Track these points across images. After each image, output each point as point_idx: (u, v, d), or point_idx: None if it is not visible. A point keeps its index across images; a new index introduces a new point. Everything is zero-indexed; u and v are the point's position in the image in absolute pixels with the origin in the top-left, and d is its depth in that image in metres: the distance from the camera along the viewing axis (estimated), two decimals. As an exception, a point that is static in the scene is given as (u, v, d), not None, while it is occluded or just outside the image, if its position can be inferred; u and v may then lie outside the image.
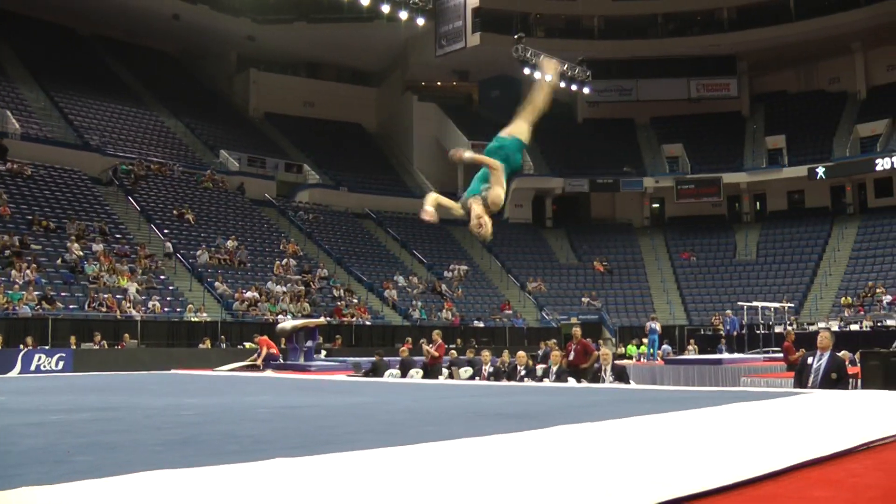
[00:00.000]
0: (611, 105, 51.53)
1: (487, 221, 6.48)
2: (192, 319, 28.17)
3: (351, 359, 23.72)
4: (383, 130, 53.33)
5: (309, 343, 22.13)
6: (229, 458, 3.26)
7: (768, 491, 3.54)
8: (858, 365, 10.54)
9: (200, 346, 26.54)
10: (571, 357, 15.86)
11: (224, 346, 27.19)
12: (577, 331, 16.75)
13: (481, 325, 36.69)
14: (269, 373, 19.10)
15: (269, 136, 47.81)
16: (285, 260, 35.24)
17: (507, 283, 43.27)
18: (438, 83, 53.33)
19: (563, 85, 45.54)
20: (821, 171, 44.72)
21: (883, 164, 42.76)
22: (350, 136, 50.92)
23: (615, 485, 3.17)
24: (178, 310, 28.56)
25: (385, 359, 20.00)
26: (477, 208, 6.48)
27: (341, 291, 34.90)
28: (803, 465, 4.00)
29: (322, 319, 26.94)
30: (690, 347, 33.16)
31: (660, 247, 47.53)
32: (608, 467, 3.42)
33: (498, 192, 6.47)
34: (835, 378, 9.17)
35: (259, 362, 21.25)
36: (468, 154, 7.12)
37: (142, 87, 45.76)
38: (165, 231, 33.67)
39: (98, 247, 29.71)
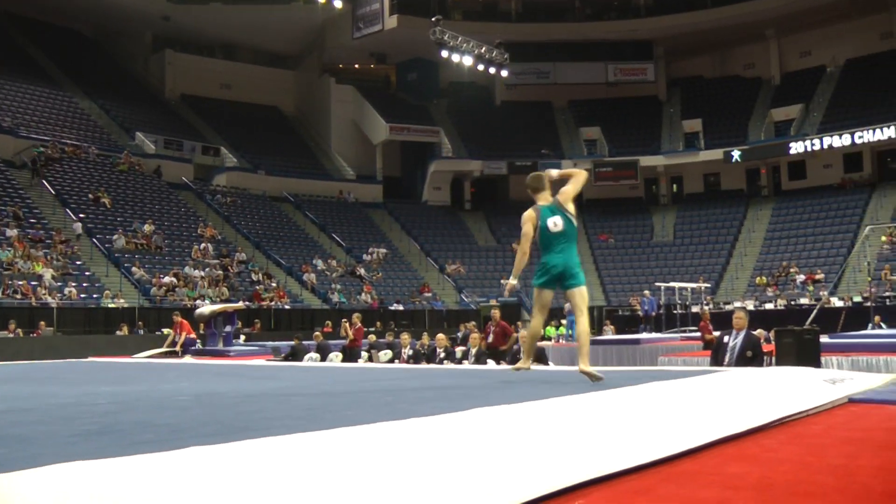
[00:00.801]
0: (529, 88, 51.84)
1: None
2: (110, 306, 27.59)
3: (270, 343, 23.54)
4: (301, 113, 52.78)
5: (228, 328, 21.86)
6: (144, 448, 3.17)
7: (685, 468, 3.58)
8: (773, 342, 10.81)
9: (118, 332, 26.03)
10: (490, 339, 15.93)
11: (142, 332, 26.71)
12: (496, 312, 16.79)
13: (400, 307, 36.73)
14: (187, 359, 18.80)
15: (185, 118, 46.90)
16: (203, 244, 34.72)
17: (426, 266, 43.33)
18: (356, 66, 52.98)
19: (480, 67, 45.63)
20: (736, 154, 45.77)
21: (796, 147, 43.94)
22: (267, 118, 50.31)
23: (523, 467, 3.17)
24: (94, 296, 27.94)
25: (304, 343, 19.90)
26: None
27: (260, 275, 34.56)
28: (719, 442, 4.06)
29: (241, 304, 26.67)
30: (607, 328, 33.64)
31: (578, 228, 48.06)
32: (521, 450, 3.43)
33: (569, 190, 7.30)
34: (750, 356, 9.39)
35: (178, 348, 20.89)
36: (555, 172, 7.91)
37: (55, 67, 44.44)
38: (81, 215, 32.80)
39: (12, 232, 28.86)
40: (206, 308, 23.02)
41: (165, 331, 25.71)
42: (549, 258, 7.22)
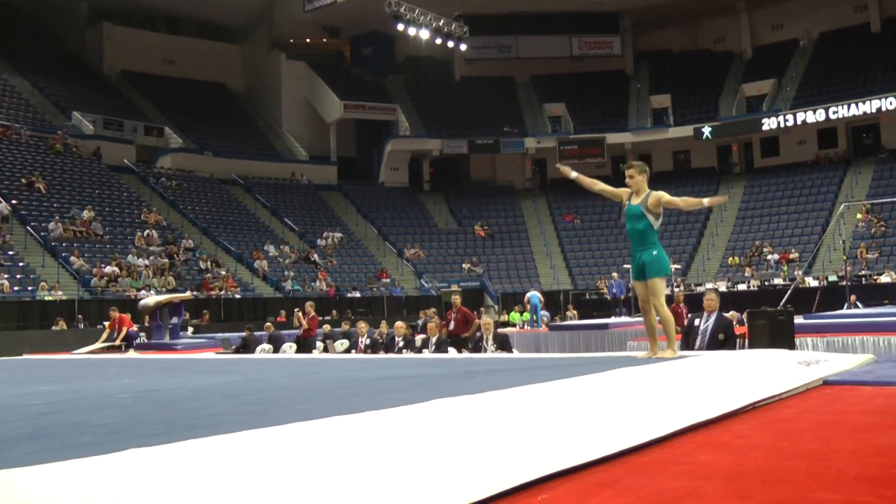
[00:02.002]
0: (489, 62, 51.82)
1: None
2: (46, 298, 27.19)
3: (220, 335, 23.41)
4: (250, 91, 52.33)
5: (174, 320, 21.69)
6: (80, 452, 3.12)
7: (653, 457, 3.61)
8: (745, 324, 10.91)
9: (55, 327, 25.66)
10: (451, 326, 15.97)
11: (82, 326, 26.35)
12: (457, 298, 16.85)
13: (357, 295, 36.67)
14: (131, 353, 18.63)
15: (126, 96, 46.24)
16: (147, 231, 34.36)
17: (384, 251, 43.27)
18: (307, 40, 52.61)
19: (438, 41, 45.51)
20: (707, 130, 46.11)
21: (769, 123, 44.36)
22: (214, 96, 49.78)
23: (485, 462, 3.17)
24: (29, 288, 27.52)
25: (256, 334, 19.81)
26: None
27: (208, 263, 34.29)
28: (689, 429, 4.10)
29: (188, 294, 26.40)
30: (569, 313, 33.83)
31: (542, 209, 48.24)
32: (482, 443, 3.43)
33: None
34: (722, 339, 9.48)
35: (117, 342, 20.66)
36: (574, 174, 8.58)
37: (-19, 42, 43.59)
38: (13, 202, 32.23)
39: (-65, 221, 28.35)
40: (150, 299, 22.81)
41: (108, 324, 25.41)
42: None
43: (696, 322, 9.78)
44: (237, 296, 32.89)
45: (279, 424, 3.60)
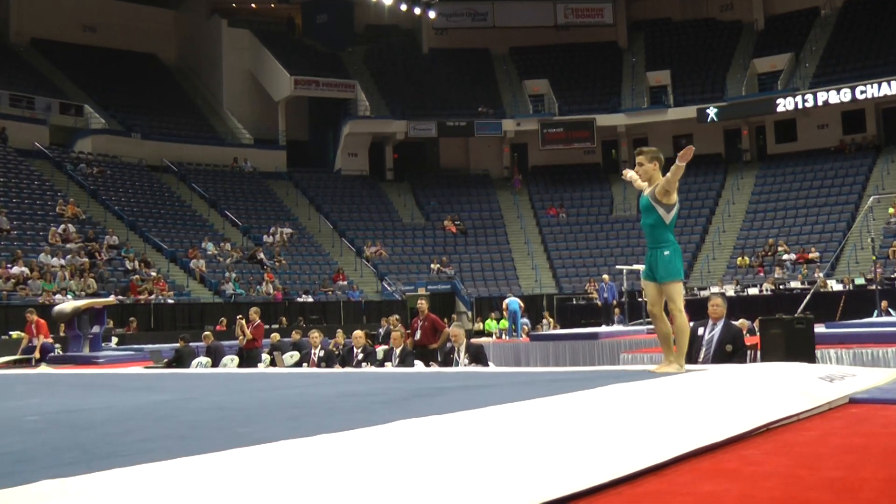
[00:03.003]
0: (462, 32, 51.87)
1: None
2: (-58, 304, 26.93)
3: (149, 346, 23.26)
4: (185, 63, 52.05)
5: (95, 329, 21.46)
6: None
7: (651, 488, 3.59)
8: (757, 334, 10.96)
9: (-48, 338, 25.39)
10: (418, 336, 15.95)
11: (-19, 335, 26.10)
12: (424, 304, 16.81)
13: (309, 299, 36.58)
14: (43, 368, 18.42)
15: (37, 68, 45.82)
16: (63, 225, 34.12)
17: (341, 249, 43.18)
18: (253, 5, 52.51)
19: (403, 7, 45.45)
20: (712, 112, 46.22)
21: (785, 104, 44.38)
22: (143, 69, 49.44)
23: (458, 492, 3.15)
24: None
25: (192, 345, 19.70)
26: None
27: (136, 263, 34.10)
28: (692, 455, 4.09)
29: (112, 299, 26.22)
30: (546, 321, 33.82)
31: (523, 202, 48.31)
32: (455, 470, 3.40)
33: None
34: (730, 350, 9.49)
35: (35, 355, 20.43)
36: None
37: None
38: None
39: None
40: (67, 305, 22.55)
41: (15, 334, 25.13)
42: None
43: (700, 331, 9.80)
44: (170, 301, 32.70)
45: (218, 450, 3.56)
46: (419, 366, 13.30)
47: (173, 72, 51.60)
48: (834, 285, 32.72)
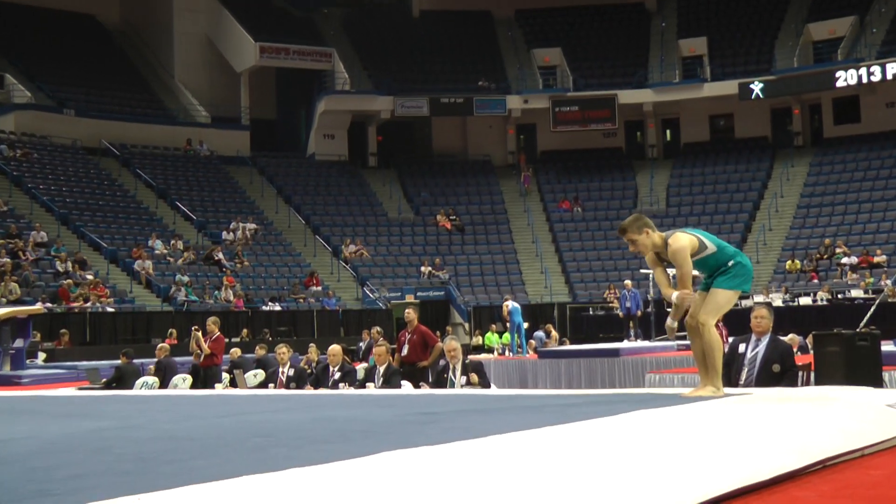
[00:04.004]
0: (460, -8, 51.97)
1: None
2: None
3: (84, 363, 23.17)
4: (129, 26, 52.05)
5: (18, 343, 21.44)
6: None
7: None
8: (811, 352, 10.95)
9: None
10: (405, 352, 15.94)
11: None
12: (412, 314, 16.79)
13: (277, 308, 36.59)
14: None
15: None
16: (-18, 219, 34.11)
17: (314, 248, 43.19)
18: (210, -43, 52.44)
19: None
20: (757, 87, 46.09)
21: (846, 77, 44.06)
22: (79, 33, 49.42)
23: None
24: None
25: (136, 362, 19.66)
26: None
27: (68, 264, 34.05)
28: (731, 496, 4.08)
29: (38, 307, 26.19)
30: (542, 332, 33.62)
31: (530, 194, 48.29)
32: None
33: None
34: (777, 371, 9.47)
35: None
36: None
37: None
38: None
39: None
40: (-14, 313, 22.58)
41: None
42: None
43: (741, 348, 9.78)
44: (109, 309, 32.68)
45: (167, 488, 3.55)
46: (407, 387, 13.29)
47: (115, 36, 51.56)
48: (905, 295, 32.70)
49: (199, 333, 20.34)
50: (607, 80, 49.41)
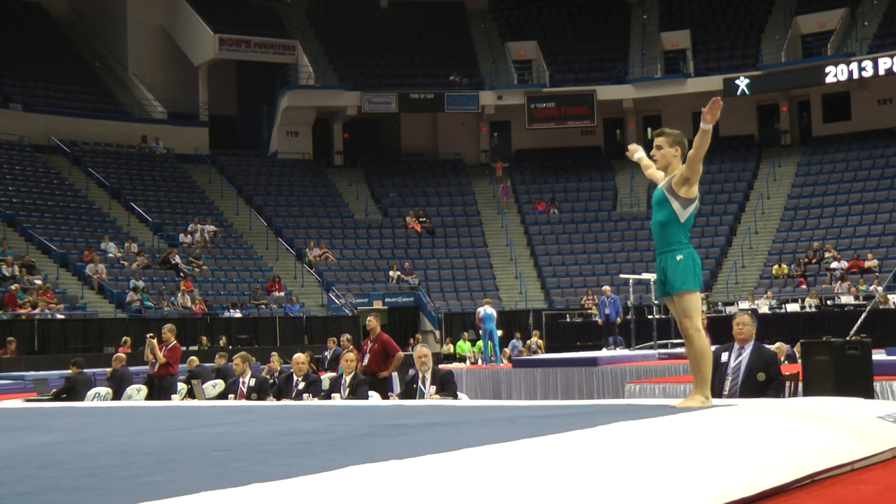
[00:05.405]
0: (430, -19, 52.02)
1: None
2: None
3: (32, 374, 23.10)
4: (79, 15, 51.87)
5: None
6: None
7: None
8: (799, 361, 11.00)
9: None
10: (366, 361, 15.90)
11: None
12: (374, 321, 16.72)
13: (237, 315, 36.52)
14: None
15: None
16: (-77, 220, 33.95)
17: (277, 251, 43.14)
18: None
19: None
20: (743, 83, 46.24)
21: (837, 73, 44.13)
22: (25, 23, 49.19)
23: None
24: None
25: (87, 371, 19.58)
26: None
27: (14, 268, 33.93)
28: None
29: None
30: (517, 341, 33.68)
31: (506, 193, 48.31)
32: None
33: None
34: (762, 380, 9.51)
35: None
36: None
37: None
38: None
39: None
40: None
41: None
42: None
43: (724, 357, 9.82)
44: (59, 316, 32.55)
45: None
46: (374, 397, 13.28)
47: (64, 26, 51.36)
48: (897, 301, 32.87)
49: (155, 341, 20.29)
50: (585, 76, 49.54)
